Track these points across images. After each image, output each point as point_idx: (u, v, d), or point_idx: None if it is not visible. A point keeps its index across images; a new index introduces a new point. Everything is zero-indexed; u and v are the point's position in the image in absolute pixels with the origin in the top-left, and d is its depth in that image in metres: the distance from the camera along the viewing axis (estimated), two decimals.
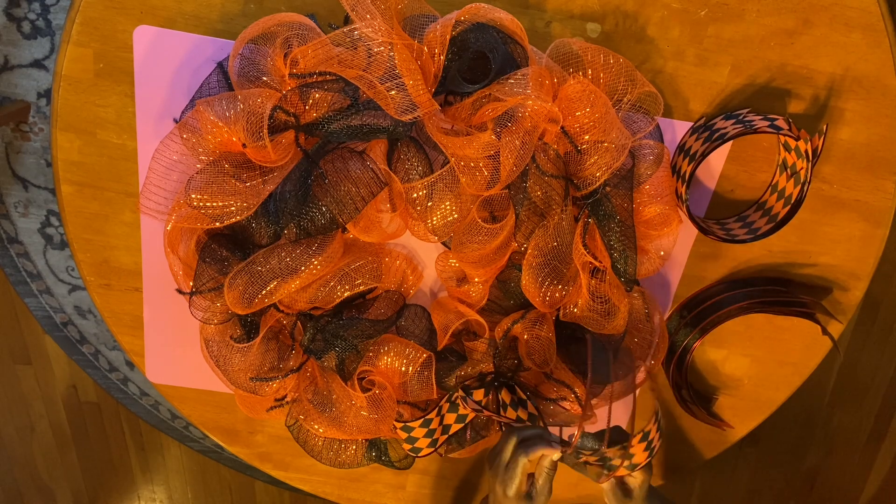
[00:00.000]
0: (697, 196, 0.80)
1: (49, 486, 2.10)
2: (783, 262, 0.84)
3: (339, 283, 0.77)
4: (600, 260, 0.74)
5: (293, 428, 0.85)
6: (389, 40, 0.63)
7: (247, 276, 0.72)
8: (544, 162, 0.70)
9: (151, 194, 0.72)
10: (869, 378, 1.87)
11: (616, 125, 0.68)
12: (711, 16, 0.71)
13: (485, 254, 0.75)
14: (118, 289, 0.86)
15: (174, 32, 0.72)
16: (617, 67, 0.69)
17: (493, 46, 0.65)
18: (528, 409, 0.82)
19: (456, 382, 0.83)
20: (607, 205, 0.72)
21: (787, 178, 0.76)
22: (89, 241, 0.83)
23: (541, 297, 0.77)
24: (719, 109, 0.76)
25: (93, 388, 1.91)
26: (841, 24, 0.71)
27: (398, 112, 0.64)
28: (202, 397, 0.94)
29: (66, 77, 0.74)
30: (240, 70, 0.67)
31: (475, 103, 0.66)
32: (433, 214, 0.73)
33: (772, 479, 2.06)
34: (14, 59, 1.46)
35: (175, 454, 2.03)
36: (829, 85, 0.75)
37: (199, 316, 0.76)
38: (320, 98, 0.66)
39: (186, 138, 0.68)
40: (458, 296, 0.83)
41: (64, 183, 0.80)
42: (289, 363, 0.80)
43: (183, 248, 0.75)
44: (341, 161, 0.71)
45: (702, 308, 0.83)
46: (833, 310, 0.86)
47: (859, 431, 1.97)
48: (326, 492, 1.03)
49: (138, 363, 0.91)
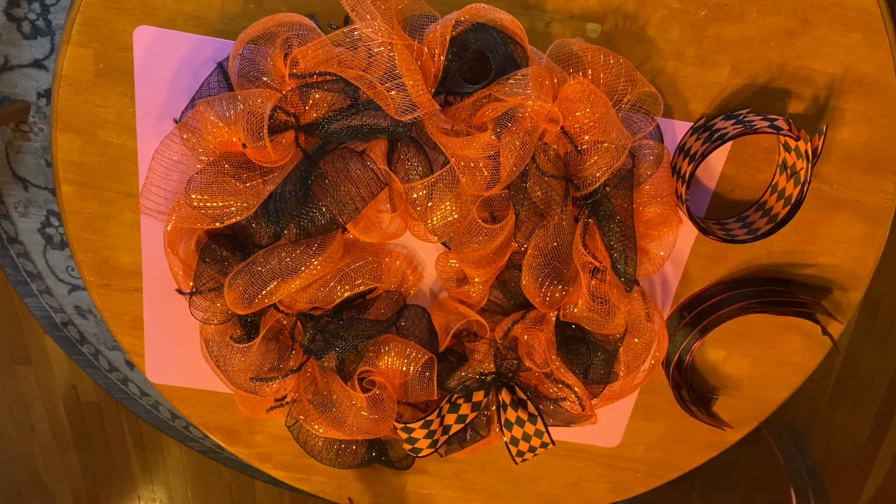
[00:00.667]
0: (697, 196, 0.80)
1: (49, 486, 2.10)
2: (783, 262, 0.84)
3: (339, 284, 0.77)
4: (600, 260, 0.74)
5: (293, 428, 0.85)
6: (389, 40, 0.63)
7: (247, 277, 0.72)
8: (544, 162, 0.70)
9: (151, 194, 0.72)
10: (869, 378, 1.87)
11: (616, 125, 0.68)
12: (711, 16, 0.72)
13: (485, 254, 0.75)
14: (118, 289, 0.86)
15: (174, 33, 0.72)
16: (617, 68, 0.69)
17: (494, 47, 0.65)
18: (528, 409, 0.82)
19: (457, 383, 0.83)
20: (607, 205, 0.72)
21: (787, 179, 0.76)
22: (89, 241, 0.83)
23: (541, 298, 0.77)
24: (719, 110, 0.76)
25: (93, 388, 1.91)
26: (841, 24, 0.71)
27: (398, 112, 0.64)
28: (202, 397, 0.94)
29: (66, 77, 0.74)
30: (240, 70, 0.67)
31: (475, 103, 0.66)
32: (433, 215, 0.73)
33: (772, 479, 2.06)
34: (14, 59, 1.46)
35: (175, 454, 2.03)
36: (829, 85, 0.75)
37: (199, 316, 0.76)
38: (320, 98, 0.66)
39: (186, 138, 0.68)
40: (459, 296, 0.83)
41: (64, 183, 0.80)
42: (289, 363, 0.80)
43: (183, 248, 0.75)
44: (341, 161, 0.71)
45: (702, 308, 0.83)
46: (833, 310, 0.86)
47: (859, 431, 1.97)
48: (326, 492, 1.03)
49: (138, 363, 0.91)
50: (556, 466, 1.00)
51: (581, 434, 0.96)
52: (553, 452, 0.89)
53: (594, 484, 1.01)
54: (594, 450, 0.98)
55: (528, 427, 0.83)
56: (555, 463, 0.99)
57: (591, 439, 0.96)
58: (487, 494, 1.02)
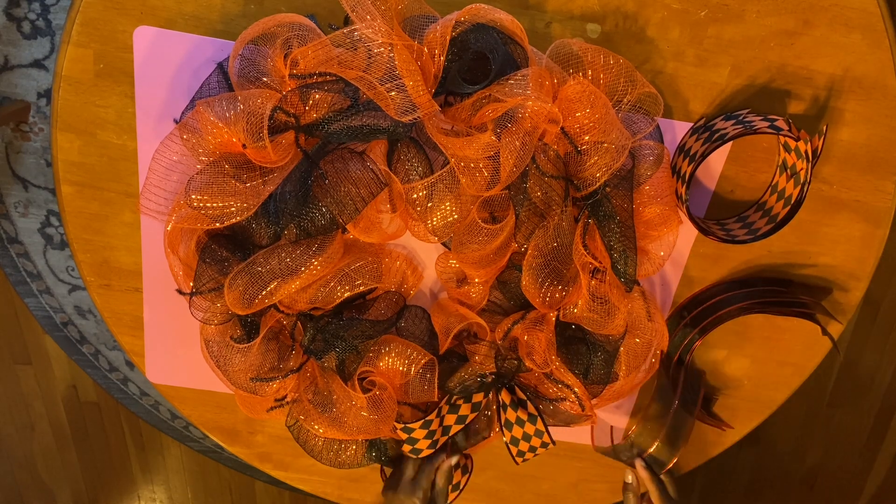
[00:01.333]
0: (697, 196, 0.80)
1: (49, 486, 2.10)
2: (783, 263, 0.84)
3: (340, 284, 0.77)
4: (600, 260, 0.74)
5: (293, 428, 0.85)
6: (389, 41, 0.63)
7: (247, 277, 0.72)
8: (544, 162, 0.70)
9: (152, 195, 0.72)
10: (869, 378, 1.87)
11: (616, 126, 0.68)
12: (711, 16, 0.72)
13: (485, 254, 0.75)
14: (118, 289, 0.86)
15: (174, 33, 0.72)
16: (617, 68, 0.69)
17: (494, 47, 0.65)
18: (528, 410, 0.82)
19: (456, 384, 0.83)
20: (607, 205, 0.72)
21: (787, 179, 0.76)
22: (89, 241, 0.83)
23: (541, 298, 0.77)
24: (719, 110, 0.76)
25: (93, 388, 1.91)
26: (841, 24, 0.71)
27: (398, 113, 0.64)
28: (202, 397, 0.94)
29: (66, 77, 0.74)
30: (240, 71, 0.67)
31: (475, 104, 0.66)
32: (433, 215, 0.73)
33: (772, 479, 2.06)
34: (14, 59, 1.46)
35: (175, 454, 2.03)
36: (828, 85, 0.75)
37: (200, 316, 0.76)
38: (320, 99, 0.66)
39: (187, 139, 0.68)
40: (459, 297, 0.83)
41: (64, 183, 0.80)
42: (289, 363, 0.80)
43: (183, 248, 0.75)
44: (341, 162, 0.71)
45: (702, 308, 0.83)
46: (833, 310, 0.86)
47: (859, 431, 1.97)
48: (326, 492, 1.03)
49: (138, 363, 0.91)
50: (556, 466, 1.00)
51: (581, 434, 0.96)
52: (553, 452, 0.89)
53: (594, 484, 1.01)
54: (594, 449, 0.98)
55: (528, 427, 0.83)
56: (555, 463, 0.99)
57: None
58: (487, 494, 1.02)
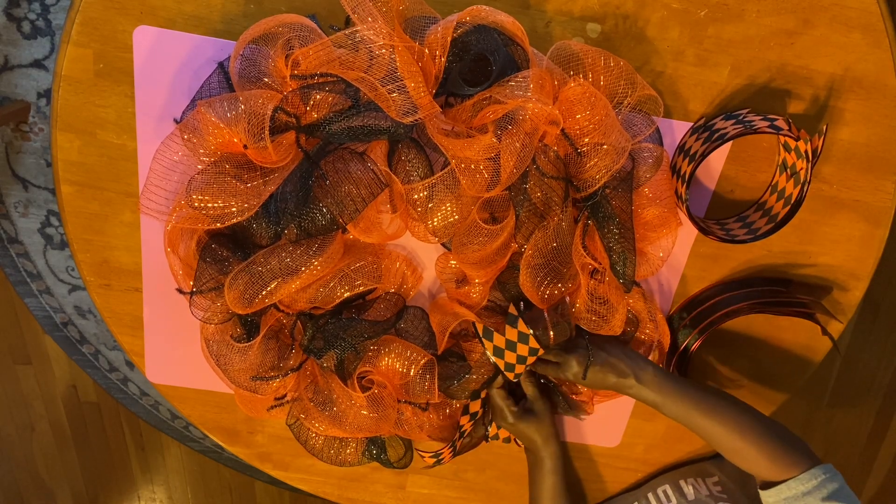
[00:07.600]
0: (697, 196, 0.80)
1: (49, 486, 2.10)
2: (783, 263, 0.84)
3: (339, 284, 0.77)
4: (599, 261, 0.75)
5: (293, 426, 0.85)
6: (391, 42, 0.63)
7: (247, 276, 0.72)
8: (544, 164, 0.70)
9: (152, 195, 0.72)
10: (869, 378, 1.87)
11: (616, 128, 0.68)
12: (711, 16, 0.72)
13: (485, 255, 0.75)
14: (118, 289, 0.86)
15: (174, 33, 0.72)
16: (617, 70, 0.69)
17: (494, 48, 0.65)
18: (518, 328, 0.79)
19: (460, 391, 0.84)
20: (607, 207, 0.72)
21: (787, 179, 0.76)
22: (89, 241, 0.83)
23: (539, 295, 0.77)
24: (719, 110, 0.76)
25: (93, 388, 1.91)
26: (841, 24, 0.71)
27: (399, 114, 0.64)
28: (202, 397, 0.94)
29: (66, 77, 0.74)
30: (241, 71, 0.67)
31: (476, 105, 0.66)
32: (434, 215, 0.73)
33: None
34: (14, 59, 1.46)
35: (175, 454, 2.03)
36: (828, 85, 0.75)
37: (200, 316, 0.76)
38: (321, 99, 0.66)
39: (187, 139, 0.68)
40: (458, 297, 0.83)
41: (64, 183, 0.80)
42: (289, 362, 0.80)
43: (183, 248, 0.75)
44: (342, 162, 0.71)
45: (702, 308, 0.83)
46: (833, 310, 0.86)
47: (859, 431, 1.97)
48: (326, 492, 1.03)
49: (138, 363, 0.91)
50: None
51: (581, 434, 0.96)
52: None
53: (594, 484, 1.01)
54: (594, 450, 0.98)
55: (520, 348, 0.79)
56: None
57: (591, 439, 0.96)
58: (487, 494, 1.02)
